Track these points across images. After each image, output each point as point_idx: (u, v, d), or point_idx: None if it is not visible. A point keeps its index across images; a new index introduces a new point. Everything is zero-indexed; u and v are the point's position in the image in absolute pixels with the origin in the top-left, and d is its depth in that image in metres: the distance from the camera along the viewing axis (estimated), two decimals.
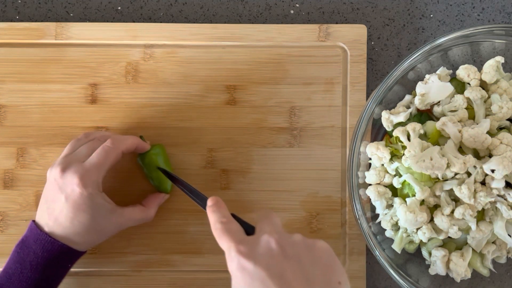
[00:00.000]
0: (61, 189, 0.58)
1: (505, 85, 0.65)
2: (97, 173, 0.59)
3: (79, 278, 0.69)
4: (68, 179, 0.58)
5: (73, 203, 0.58)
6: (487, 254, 0.64)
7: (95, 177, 0.59)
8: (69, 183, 0.58)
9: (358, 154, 0.64)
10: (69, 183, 0.58)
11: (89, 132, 0.66)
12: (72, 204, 0.58)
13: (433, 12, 0.74)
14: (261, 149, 0.71)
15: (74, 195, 0.58)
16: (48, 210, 0.60)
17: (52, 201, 0.59)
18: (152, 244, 0.70)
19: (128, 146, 0.63)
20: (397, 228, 0.65)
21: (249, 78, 0.71)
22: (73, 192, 0.58)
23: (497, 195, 0.62)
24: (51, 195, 0.60)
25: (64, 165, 0.59)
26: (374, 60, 0.73)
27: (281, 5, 0.74)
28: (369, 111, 0.63)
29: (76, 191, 0.58)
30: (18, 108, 0.71)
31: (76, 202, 0.58)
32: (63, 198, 0.58)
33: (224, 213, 0.53)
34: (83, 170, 0.59)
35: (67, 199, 0.58)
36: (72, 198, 0.58)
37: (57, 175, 0.59)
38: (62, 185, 0.58)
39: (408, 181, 0.62)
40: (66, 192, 0.58)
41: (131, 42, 0.71)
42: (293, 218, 0.70)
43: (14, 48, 0.71)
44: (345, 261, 0.69)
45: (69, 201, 0.58)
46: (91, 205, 0.59)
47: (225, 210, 0.54)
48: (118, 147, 0.61)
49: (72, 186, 0.58)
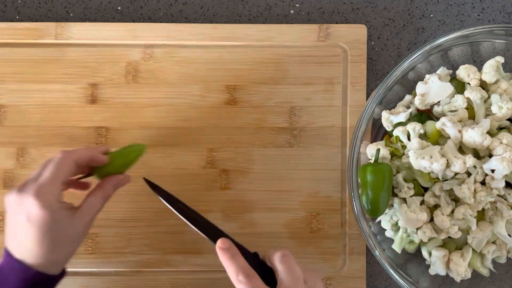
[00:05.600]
0: (20, 212, 0.55)
1: (505, 85, 0.65)
2: (52, 186, 0.56)
3: (79, 278, 0.69)
4: (24, 199, 0.55)
5: (35, 223, 0.55)
6: (487, 254, 0.64)
7: (51, 191, 0.56)
8: (26, 204, 0.55)
9: (358, 154, 0.64)
10: (26, 203, 0.55)
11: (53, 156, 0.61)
12: (34, 224, 0.55)
13: (433, 12, 0.74)
14: (261, 149, 0.71)
15: (34, 215, 0.55)
16: (15, 235, 0.57)
17: (15, 226, 0.56)
18: (152, 244, 0.70)
19: (81, 156, 0.59)
20: (397, 228, 0.65)
21: (249, 78, 0.71)
22: (32, 212, 0.55)
23: (497, 195, 0.62)
24: (13, 220, 0.57)
25: (19, 187, 0.57)
26: (374, 60, 0.73)
27: (281, 5, 0.74)
28: (369, 111, 0.63)
29: (34, 211, 0.55)
30: (18, 108, 0.71)
31: (38, 222, 0.55)
32: (24, 220, 0.55)
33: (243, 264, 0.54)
34: (37, 187, 0.55)
35: (28, 220, 0.55)
36: (33, 219, 0.55)
37: (13, 198, 0.56)
38: (20, 207, 0.55)
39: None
40: (25, 214, 0.55)
41: (131, 42, 0.71)
42: (293, 218, 0.70)
43: (14, 48, 0.71)
44: (345, 261, 0.69)
45: (31, 222, 0.55)
46: (53, 220, 0.55)
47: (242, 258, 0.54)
48: (68, 157, 0.58)
49: (29, 206, 0.55)
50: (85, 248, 0.69)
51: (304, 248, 0.70)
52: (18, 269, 0.56)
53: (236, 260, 0.54)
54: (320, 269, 0.69)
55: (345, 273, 0.69)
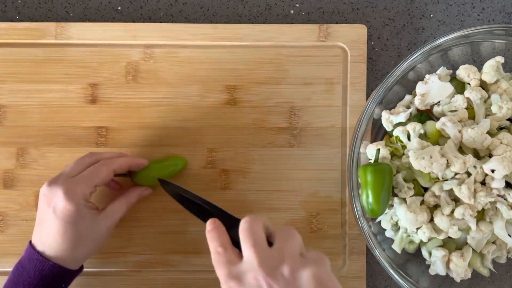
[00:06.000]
0: (49, 203, 0.59)
1: (505, 85, 0.65)
2: (84, 186, 0.60)
3: (79, 278, 0.68)
4: (54, 192, 0.59)
5: (60, 215, 0.58)
6: (487, 254, 0.64)
7: (82, 190, 0.59)
8: (55, 196, 0.58)
9: (358, 154, 0.64)
10: (55, 196, 0.58)
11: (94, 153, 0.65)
12: (59, 217, 0.58)
13: (433, 12, 0.74)
14: (261, 149, 0.71)
15: (61, 208, 0.58)
16: (40, 227, 0.60)
17: (43, 217, 0.60)
18: (152, 244, 0.70)
19: (121, 165, 0.63)
20: (397, 228, 0.65)
21: (249, 78, 0.71)
22: (59, 205, 0.58)
23: (497, 195, 0.62)
24: (41, 211, 0.60)
25: (53, 179, 0.60)
26: (374, 60, 0.73)
27: (281, 5, 0.74)
28: (369, 111, 0.63)
29: (61, 204, 0.58)
30: (18, 108, 0.71)
31: (64, 215, 0.58)
32: (51, 212, 0.58)
33: (222, 241, 0.53)
34: (69, 183, 0.59)
35: (54, 212, 0.58)
36: (59, 211, 0.58)
37: (45, 189, 0.59)
38: (49, 199, 0.59)
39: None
40: (53, 206, 0.58)
41: (131, 42, 0.71)
42: (293, 218, 0.70)
43: (14, 48, 0.71)
44: (345, 261, 0.69)
45: (57, 215, 0.58)
46: (78, 216, 0.59)
47: (224, 235, 0.53)
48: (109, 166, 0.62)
49: (58, 199, 0.58)
50: None
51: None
52: (37, 260, 0.59)
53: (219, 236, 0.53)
54: None
55: (345, 273, 0.69)
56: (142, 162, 0.66)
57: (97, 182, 0.61)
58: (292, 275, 0.47)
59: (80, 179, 0.60)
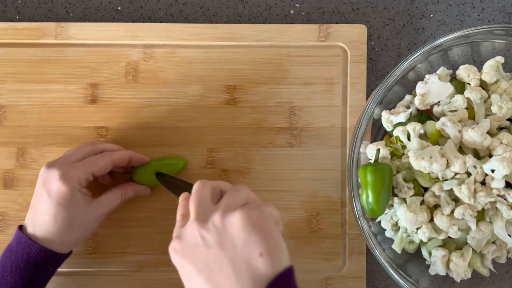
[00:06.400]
0: (45, 185, 0.60)
1: (505, 85, 0.65)
2: (81, 172, 0.60)
3: (79, 278, 0.69)
4: (50, 173, 0.60)
5: (54, 197, 0.59)
6: (487, 254, 0.64)
7: (78, 174, 0.60)
8: (51, 178, 0.59)
9: (358, 154, 0.64)
10: (51, 177, 0.59)
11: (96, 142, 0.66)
12: (53, 198, 0.59)
13: (433, 12, 0.74)
14: (261, 149, 0.71)
15: (55, 189, 0.59)
16: (33, 207, 0.61)
17: (37, 198, 0.61)
18: (152, 244, 0.70)
19: (121, 157, 0.64)
20: (397, 228, 0.65)
21: (249, 78, 0.71)
22: (53, 187, 0.59)
23: (497, 195, 0.62)
24: (36, 191, 0.61)
25: (51, 162, 0.61)
26: (374, 60, 0.73)
27: (281, 5, 0.74)
28: (369, 111, 0.63)
29: (56, 186, 0.59)
30: (18, 108, 0.71)
31: (57, 196, 0.59)
32: (46, 193, 0.59)
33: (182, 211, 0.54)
34: (66, 167, 0.60)
35: (48, 193, 0.59)
36: (53, 193, 0.59)
37: (43, 170, 0.60)
38: (46, 181, 0.60)
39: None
40: (48, 188, 0.59)
41: (131, 42, 0.71)
42: (293, 218, 0.70)
43: (14, 48, 0.71)
44: (345, 261, 0.69)
45: (51, 196, 0.59)
46: (71, 199, 0.59)
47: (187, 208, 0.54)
48: (108, 157, 0.63)
49: (53, 181, 0.59)
50: (85, 248, 0.69)
51: (304, 248, 0.70)
52: (25, 243, 0.59)
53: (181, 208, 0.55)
54: (320, 269, 0.69)
55: (345, 273, 0.69)
56: (143, 157, 0.67)
57: (95, 170, 0.61)
58: (222, 221, 0.49)
59: (78, 165, 0.61)
